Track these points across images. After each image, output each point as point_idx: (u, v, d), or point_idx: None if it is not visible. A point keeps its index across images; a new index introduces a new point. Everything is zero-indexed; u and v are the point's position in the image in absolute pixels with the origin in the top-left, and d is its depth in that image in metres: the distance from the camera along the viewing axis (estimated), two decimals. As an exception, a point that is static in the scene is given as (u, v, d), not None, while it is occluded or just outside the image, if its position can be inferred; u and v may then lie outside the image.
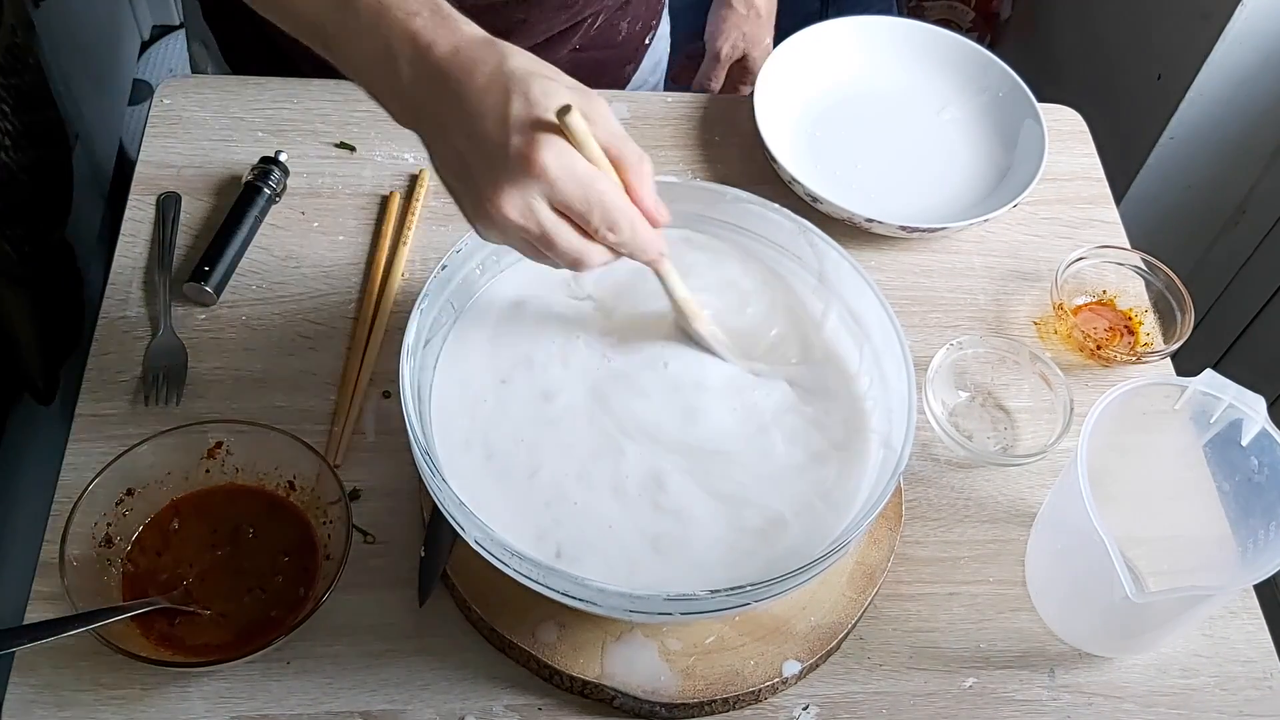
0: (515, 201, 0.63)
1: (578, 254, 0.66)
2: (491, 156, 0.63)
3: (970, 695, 0.81)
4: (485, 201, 0.64)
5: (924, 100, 1.14)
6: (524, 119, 0.62)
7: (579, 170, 0.64)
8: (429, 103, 0.65)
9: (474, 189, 0.65)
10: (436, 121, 0.66)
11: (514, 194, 0.63)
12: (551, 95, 0.63)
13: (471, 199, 0.65)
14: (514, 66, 0.64)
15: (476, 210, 0.65)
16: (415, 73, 0.65)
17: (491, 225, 0.65)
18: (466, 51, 0.64)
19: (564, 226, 0.65)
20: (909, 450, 0.73)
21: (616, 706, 0.78)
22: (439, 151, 0.67)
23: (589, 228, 0.66)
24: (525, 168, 0.62)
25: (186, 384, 0.89)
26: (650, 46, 1.23)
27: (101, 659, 0.75)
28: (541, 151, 0.62)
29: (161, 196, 0.98)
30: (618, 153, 0.66)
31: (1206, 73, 1.54)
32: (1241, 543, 0.82)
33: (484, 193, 0.64)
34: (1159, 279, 1.01)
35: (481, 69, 0.64)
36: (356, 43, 0.67)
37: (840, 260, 0.82)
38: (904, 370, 0.77)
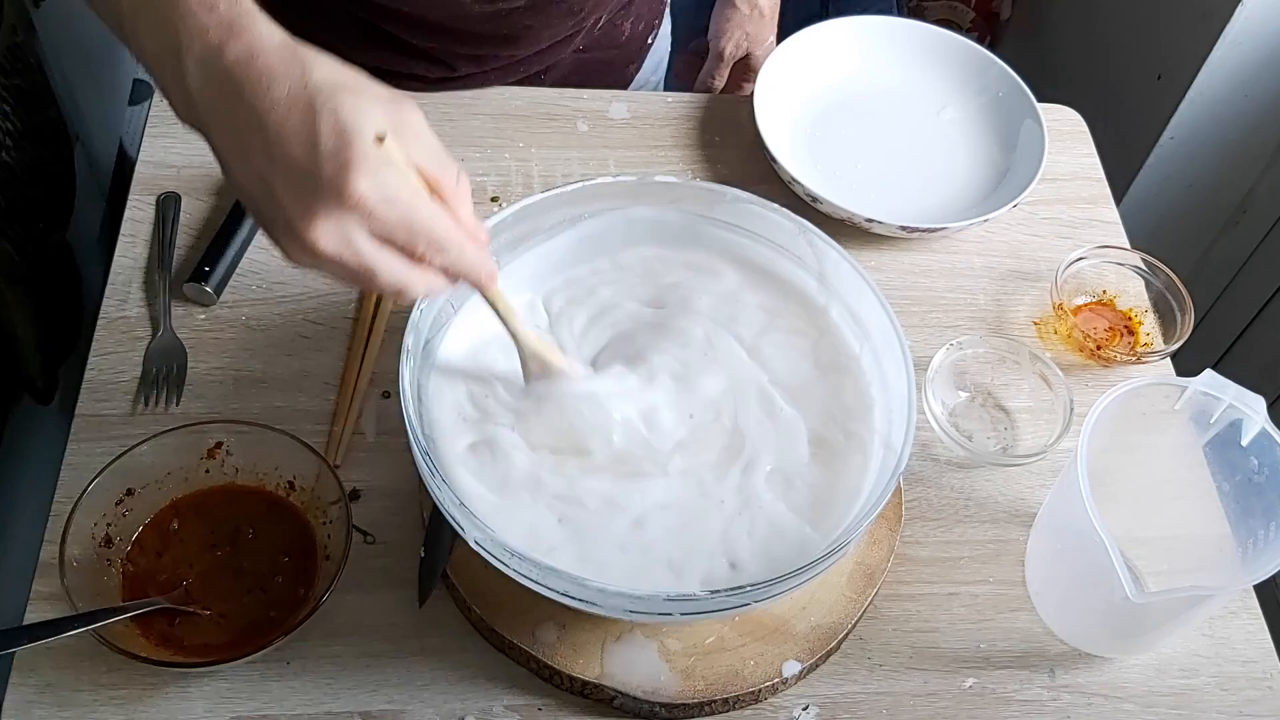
0: (330, 235, 0.58)
1: (401, 284, 0.61)
2: (300, 184, 0.57)
3: (970, 695, 0.81)
4: (295, 231, 0.58)
5: (924, 100, 1.14)
6: (333, 142, 0.57)
7: (399, 196, 0.59)
8: (220, 112, 0.59)
9: (281, 216, 0.59)
10: (231, 136, 0.59)
11: (328, 227, 0.58)
12: (362, 113, 0.58)
13: (278, 225, 0.60)
14: (319, 79, 0.58)
15: (285, 238, 0.60)
16: (205, 75, 0.59)
17: (303, 255, 0.60)
18: (264, 59, 0.58)
19: (385, 256, 0.60)
20: (909, 450, 0.73)
21: (616, 707, 0.78)
22: (235, 170, 0.60)
23: (414, 254, 0.61)
24: (339, 199, 0.57)
25: (186, 384, 0.89)
26: (653, 46, 1.23)
27: (101, 659, 0.75)
28: (357, 181, 0.57)
29: (161, 196, 0.98)
30: (435, 173, 0.62)
31: (1206, 73, 1.54)
32: (1241, 543, 0.82)
33: (294, 222, 0.58)
34: (1159, 279, 1.01)
35: (281, 82, 0.57)
36: (148, 30, 0.61)
37: (840, 260, 0.82)
38: (904, 370, 0.77)
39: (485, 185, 1.04)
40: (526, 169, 1.06)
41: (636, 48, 1.21)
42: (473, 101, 1.09)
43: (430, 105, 1.08)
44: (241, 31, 0.59)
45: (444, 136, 1.06)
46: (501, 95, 1.10)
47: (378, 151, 0.58)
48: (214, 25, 0.59)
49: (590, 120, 1.10)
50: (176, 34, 0.59)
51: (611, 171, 1.06)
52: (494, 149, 1.06)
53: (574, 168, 1.06)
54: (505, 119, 1.08)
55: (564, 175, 1.06)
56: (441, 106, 1.08)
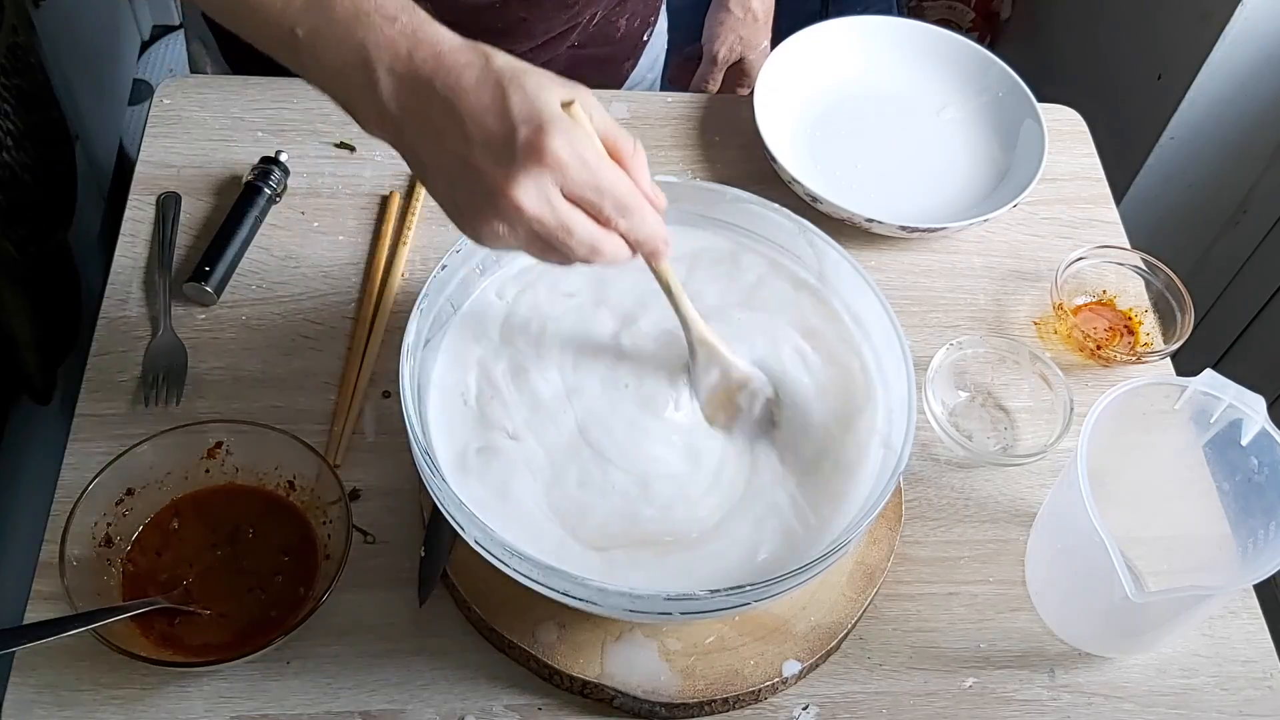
0: (530, 193, 0.62)
1: (594, 242, 0.65)
2: (499, 151, 0.62)
3: (970, 695, 0.81)
4: (498, 197, 0.62)
5: (924, 100, 1.14)
6: (525, 110, 0.62)
7: (590, 158, 0.63)
8: (414, 111, 0.64)
9: (481, 189, 0.63)
10: (426, 129, 0.64)
11: (528, 185, 0.62)
12: (545, 88, 0.63)
13: (479, 198, 0.64)
14: (501, 64, 0.63)
15: (487, 208, 0.63)
16: (396, 81, 0.64)
17: (505, 220, 0.63)
18: (450, 56, 0.63)
19: (580, 215, 0.64)
20: (909, 450, 0.73)
21: (616, 706, 0.78)
22: (432, 160, 0.65)
23: (601, 216, 0.65)
24: (537, 157, 0.61)
25: (186, 384, 0.89)
26: (648, 43, 1.24)
27: (101, 659, 0.75)
28: (552, 140, 0.61)
29: (161, 196, 0.98)
30: (614, 142, 0.66)
31: (1206, 73, 1.54)
32: (1241, 543, 0.82)
33: (497, 188, 0.62)
34: (1159, 279, 1.01)
35: (469, 71, 0.63)
36: (328, 49, 0.65)
37: (840, 260, 0.82)
38: (904, 370, 0.77)
39: (485, 185, 1.04)
40: (526, 169, 1.05)
41: (632, 45, 1.21)
42: (473, 101, 1.09)
43: (430, 105, 1.08)
44: (425, 37, 0.64)
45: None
46: (501, 95, 1.10)
47: (566, 117, 0.63)
48: (398, 35, 0.64)
49: (590, 120, 1.10)
50: (363, 48, 0.64)
51: (611, 171, 1.06)
52: (494, 149, 1.06)
53: (574, 168, 1.06)
54: (505, 119, 1.08)
55: (564, 175, 1.05)
56: (441, 106, 1.08)
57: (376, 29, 0.64)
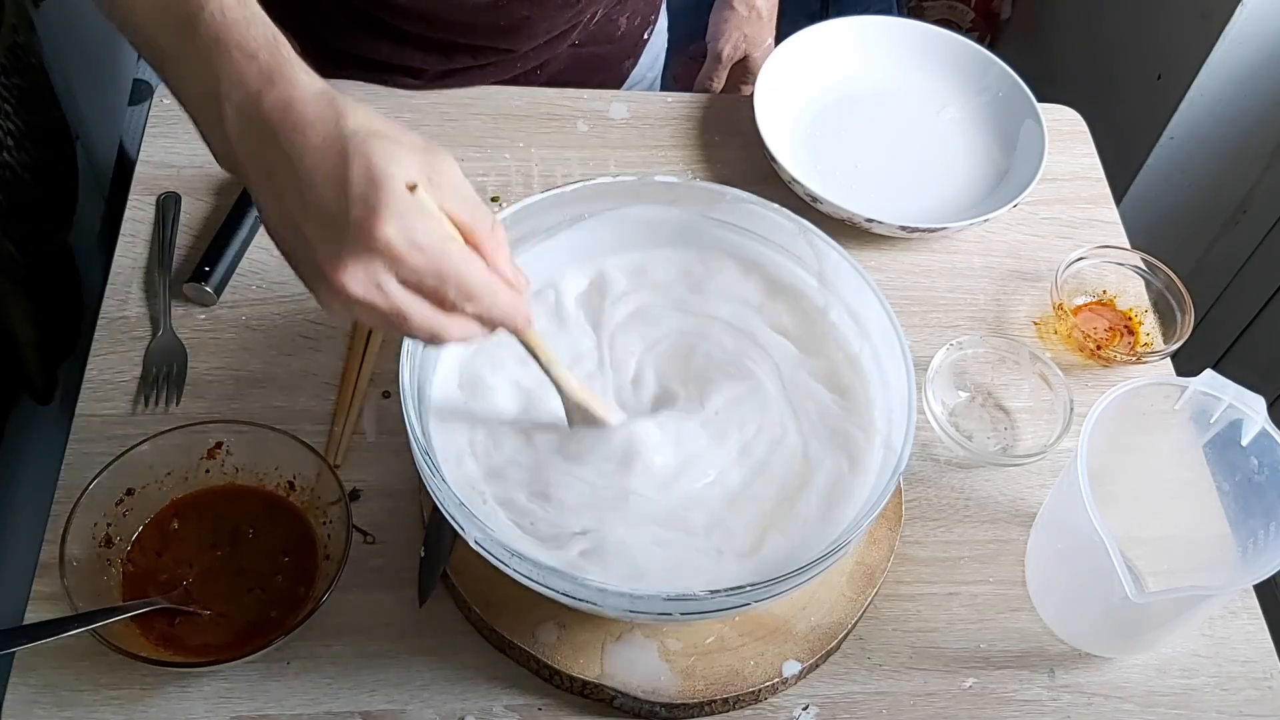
0: (359, 277, 0.58)
1: (434, 329, 0.61)
2: (329, 228, 0.58)
3: (970, 695, 0.81)
4: (325, 275, 0.58)
5: (924, 100, 1.14)
6: (362, 186, 0.57)
7: (427, 242, 0.58)
8: (257, 157, 0.60)
9: (311, 259, 0.59)
10: (266, 179, 0.60)
11: (357, 270, 0.58)
12: (394, 159, 0.58)
13: (309, 270, 0.60)
14: (353, 127, 0.58)
15: (317, 281, 0.60)
16: (243, 121, 0.60)
17: (334, 299, 0.59)
18: (299, 106, 0.59)
19: (416, 302, 0.60)
20: (909, 450, 0.73)
21: (616, 707, 0.78)
22: (270, 213, 0.61)
23: (445, 303, 0.60)
24: (367, 242, 0.57)
25: (186, 384, 0.89)
26: (649, 42, 1.24)
27: (101, 659, 0.75)
28: (385, 225, 0.57)
29: (161, 196, 0.98)
30: (469, 221, 0.61)
31: (1206, 73, 1.54)
32: (1241, 543, 0.82)
33: (323, 266, 0.58)
34: (1159, 279, 1.01)
35: (316, 127, 0.58)
36: (189, 76, 0.62)
37: (840, 260, 0.82)
38: (904, 370, 0.77)
39: (485, 185, 1.04)
40: (526, 169, 1.06)
41: (632, 43, 1.21)
42: (473, 101, 1.09)
43: (429, 105, 1.08)
44: (280, 80, 0.60)
45: (444, 136, 1.07)
46: (501, 95, 1.10)
47: (408, 197, 0.58)
48: (253, 74, 0.60)
49: (590, 120, 1.10)
50: (216, 81, 0.60)
51: (611, 171, 1.06)
52: (494, 149, 1.06)
53: (574, 168, 1.06)
54: (505, 119, 1.08)
55: (564, 175, 1.06)
56: (441, 106, 1.08)
57: (232, 62, 0.60)
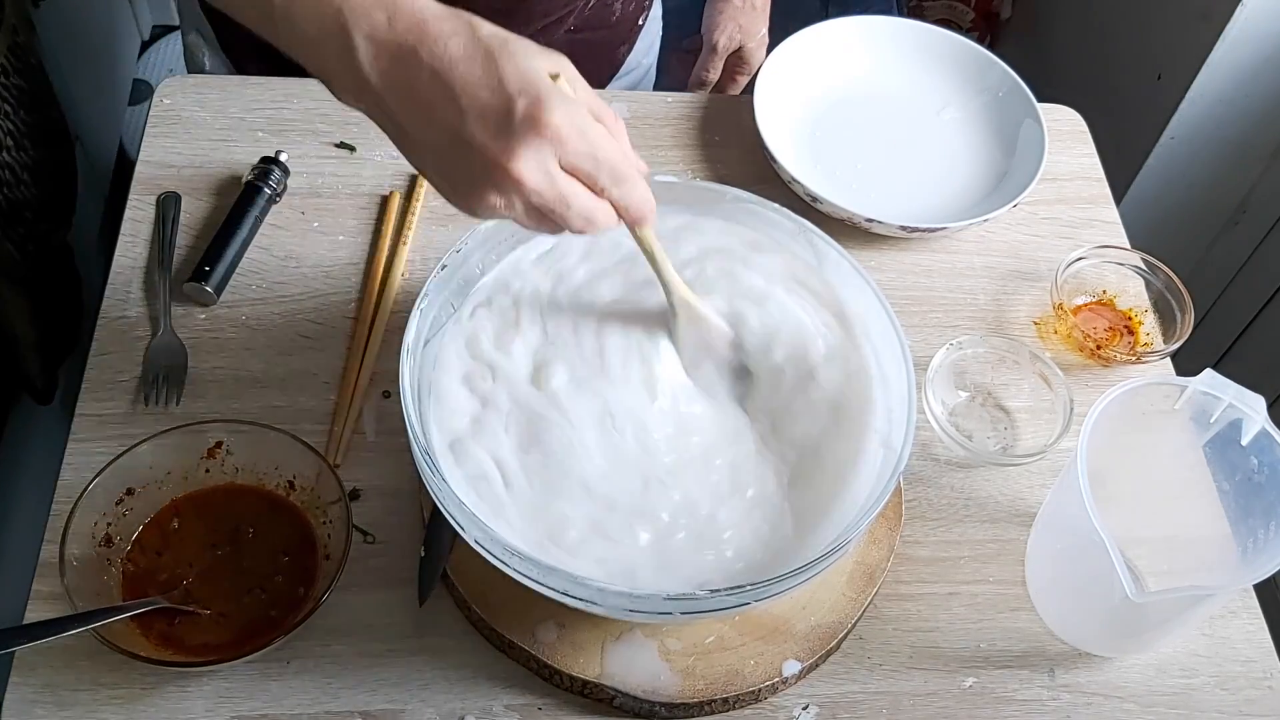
0: (530, 165, 0.61)
1: (590, 213, 0.65)
2: (496, 124, 0.61)
3: (970, 695, 0.81)
4: (496, 171, 0.61)
5: (924, 100, 1.14)
6: (519, 82, 0.61)
7: (586, 129, 0.63)
8: (398, 81, 0.62)
9: (477, 162, 0.62)
10: (412, 101, 0.62)
11: (528, 157, 0.61)
12: (533, 57, 0.62)
13: (474, 173, 0.62)
14: (488, 33, 0.62)
15: (484, 180, 0.62)
16: (376, 49, 0.62)
17: (503, 193, 0.62)
18: (435, 23, 0.61)
19: (578, 186, 0.64)
20: (909, 450, 0.73)
21: (616, 706, 0.78)
22: (419, 133, 0.63)
23: (596, 186, 0.64)
24: (536, 129, 0.60)
25: (186, 384, 0.89)
26: (643, 28, 1.24)
27: (101, 659, 0.75)
28: (550, 112, 0.60)
29: (161, 196, 0.98)
30: (598, 112, 0.65)
31: (1206, 73, 1.54)
32: (1241, 543, 0.82)
33: (496, 160, 0.61)
34: (1159, 279, 1.01)
35: (455, 40, 0.61)
36: (303, 15, 0.63)
37: (840, 260, 0.82)
38: (904, 370, 0.77)
39: (485, 185, 1.04)
40: (526, 169, 1.05)
41: (627, 29, 1.21)
42: (473, 101, 1.09)
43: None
44: (405, 3, 0.62)
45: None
46: (501, 95, 1.10)
47: (559, 87, 0.62)
48: (376, 2, 0.61)
49: (590, 120, 1.10)
50: (340, 14, 0.62)
51: (611, 171, 1.06)
52: (494, 149, 1.06)
53: (574, 168, 1.06)
54: (505, 119, 1.08)
55: (564, 175, 1.05)
56: (441, 106, 1.08)
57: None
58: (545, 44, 0.64)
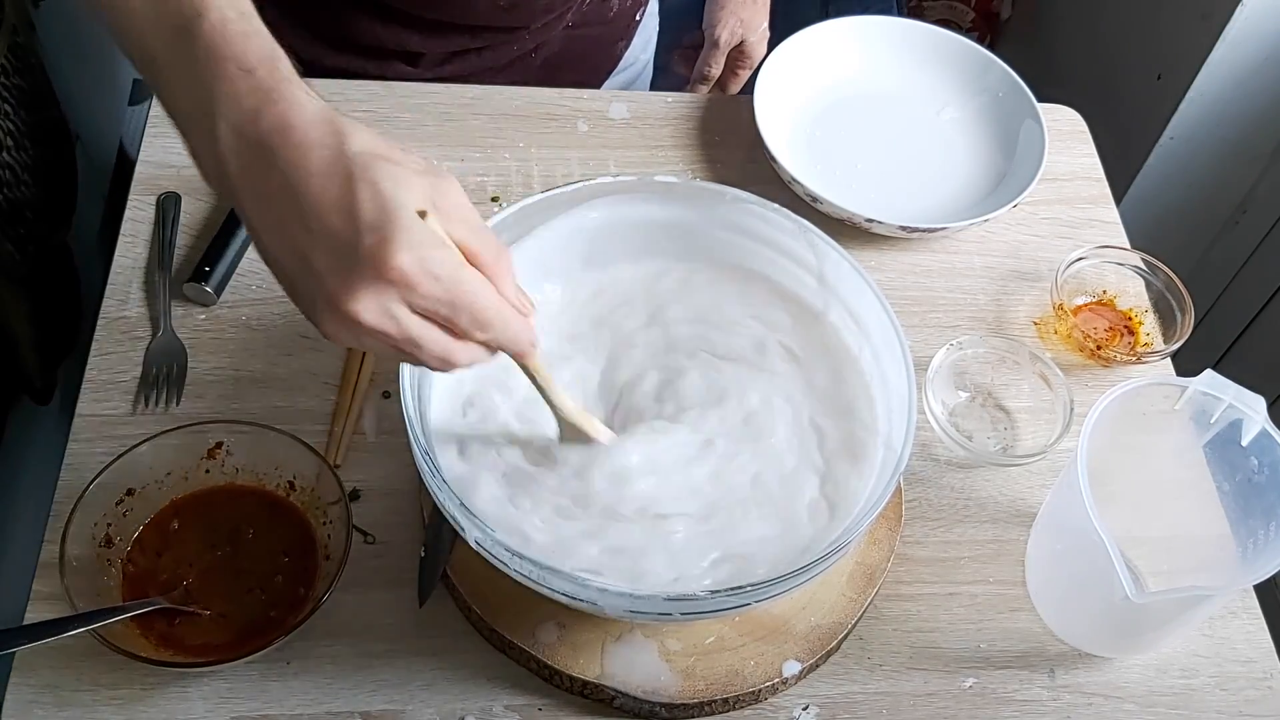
0: (370, 306, 0.56)
1: (445, 356, 0.60)
2: (340, 256, 0.56)
3: (970, 695, 0.81)
4: (335, 304, 0.57)
5: (924, 100, 1.14)
6: (373, 214, 0.55)
7: (441, 270, 0.57)
8: (253, 180, 0.57)
9: (319, 289, 0.57)
10: (265, 205, 0.57)
11: (369, 299, 0.56)
12: (402, 184, 0.56)
13: (316, 299, 0.58)
14: (357, 150, 0.56)
15: (325, 311, 0.58)
16: (238, 141, 0.57)
17: (342, 328, 0.58)
18: (301, 129, 0.56)
19: (429, 329, 0.59)
20: (909, 450, 0.73)
21: (616, 707, 0.78)
22: (267, 239, 0.58)
23: (456, 330, 0.60)
24: (381, 271, 0.55)
25: (186, 384, 0.89)
26: (640, 24, 1.24)
27: (101, 659, 0.75)
28: (399, 253, 0.55)
29: (161, 196, 0.98)
30: (475, 247, 0.60)
31: (1206, 73, 1.54)
32: (1241, 543, 0.82)
33: (334, 296, 0.56)
34: (1159, 279, 1.01)
35: (318, 151, 0.56)
36: (181, 87, 0.59)
37: (840, 260, 0.82)
38: (904, 370, 0.76)
39: (485, 185, 1.04)
40: (526, 169, 1.06)
41: (625, 24, 1.22)
42: (473, 101, 1.09)
43: (430, 104, 1.08)
44: (278, 99, 0.57)
45: (444, 136, 1.07)
46: (501, 95, 1.10)
47: (420, 224, 0.56)
48: (249, 91, 0.57)
49: (590, 120, 1.10)
50: (211, 98, 0.58)
51: (611, 171, 1.06)
52: (494, 149, 1.06)
53: (574, 168, 1.06)
54: (505, 119, 1.08)
55: (564, 175, 1.06)
56: (441, 106, 1.08)
57: (228, 79, 0.57)
58: (544, 40, 0.62)
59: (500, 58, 1.11)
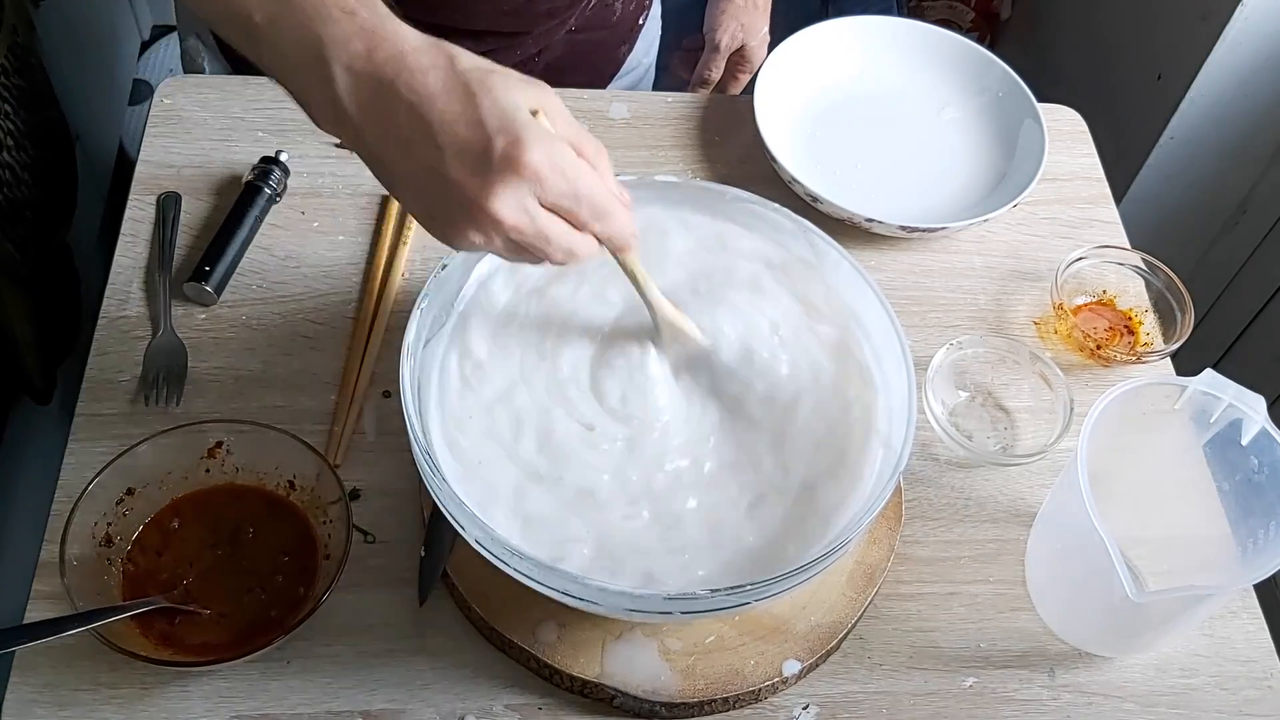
0: (509, 205, 0.61)
1: (571, 246, 0.65)
2: (474, 162, 0.60)
3: (970, 695, 0.81)
4: (476, 206, 0.61)
5: (924, 100, 1.14)
6: (498, 119, 0.60)
7: (566, 166, 0.62)
8: (377, 114, 0.62)
9: (455, 199, 0.61)
10: (390, 134, 0.62)
11: (507, 197, 0.61)
12: (513, 91, 0.61)
13: (452, 207, 0.62)
14: (467, 66, 0.61)
15: (462, 217, 0.62)
16: (354, 80, 0.61)
17: (483, 231, 0.62)
18: (413, 56, 0.61)
19: (558, 222, 0.64)
20: (909, 450, 0.73)
21: (616, 706, 0.78)
22: (398, 166, 0.63)
23: (578, 221, 0.64)
24: (515, 169, 0.60)
25: (186, 384, 0.89)
26: (643, 28, 1.24)
27: (101, 659, 0.75)
28: (529, 151, 0.60)
29: (161, 196, 0.98)
30: (579, 145, 0.65)
31: (1206, 73, 1.54)
32: (1241, 543, 0.82)
33: (474, 198, 0.61)
34: (1159, 279, 1.01)
35: (434, 74, 0.60)
36: (285, 40, 0.62)
37: (840, 260, 0.82)
38: (904, 370, 0.77)
39: (485, 185, 1.04)
40: (526, 169, 1.05)
41: (627, 29, 1.22)
42: (473, 101, 1.09)
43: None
44: (385, 34, 0.61)
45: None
46: (501, 95, 1.10)
47: (539, 124, 0.61)
48: (357, 31, 0.61)
49: (590, 120, 1.10)
50: (320, 43, 0.61)
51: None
52: (494, 149, 1.06)
53: (574, 168, 1.06)
54: (505, 119, 1.08)
55: (564, 175, 1.05)
56: (441, 106, 1.08)
57: (334, 22, 0.61)
58: (547, 44, 0.64)
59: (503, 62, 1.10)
